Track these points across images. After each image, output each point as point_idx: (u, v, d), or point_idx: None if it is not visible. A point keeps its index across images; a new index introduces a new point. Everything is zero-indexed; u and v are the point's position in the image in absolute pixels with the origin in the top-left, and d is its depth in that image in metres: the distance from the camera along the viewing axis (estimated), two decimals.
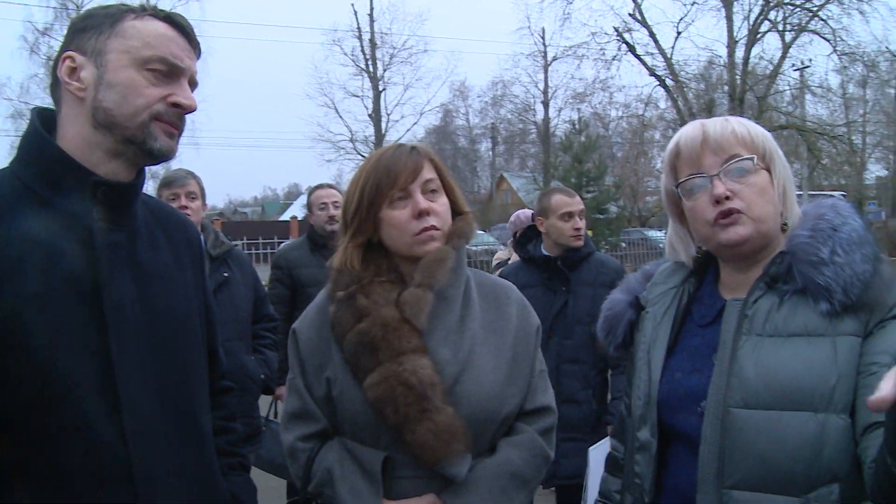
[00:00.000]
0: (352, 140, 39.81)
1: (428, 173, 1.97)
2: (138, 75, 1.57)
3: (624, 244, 28.89)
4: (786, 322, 1.59)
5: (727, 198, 1.64)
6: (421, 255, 1.95)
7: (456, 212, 2.06)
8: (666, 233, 1.93)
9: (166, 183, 3.83)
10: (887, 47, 31.89)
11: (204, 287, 1.88)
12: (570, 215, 4.01)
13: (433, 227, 1.94)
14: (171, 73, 1.61)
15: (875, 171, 46.01)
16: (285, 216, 51.14)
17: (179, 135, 1.67)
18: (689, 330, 1.78)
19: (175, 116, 1.63)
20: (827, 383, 1.50)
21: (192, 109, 1.64)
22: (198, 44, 1.69)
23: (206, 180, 4.04)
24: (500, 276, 3.41)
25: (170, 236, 1.79)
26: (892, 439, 1.21)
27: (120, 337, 1.55)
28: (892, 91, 37.39)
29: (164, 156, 1.64)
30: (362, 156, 39.25)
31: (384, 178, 1.94)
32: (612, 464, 2.01)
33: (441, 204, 1.99)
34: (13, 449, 1.48)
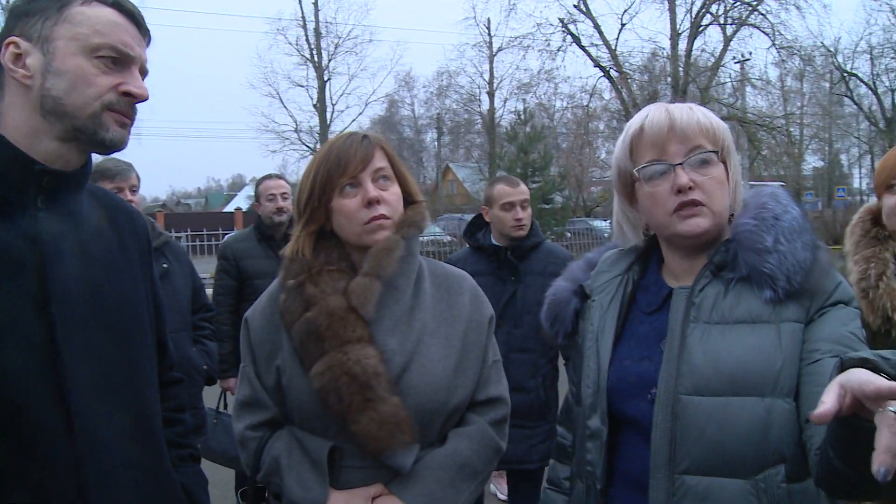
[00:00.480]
0: (296, 130, 39.56)
1: (379, 162, 1.97)
2: (88, 63, 1.54)
3: (569, 234, 29.20)
4: (731, 309, 1.61)
5: (690, 188, 1.64)
6: (370, 244, 1.95)
7: (409, 201, 2.05)
8: (610, 223, 1.92)
9: (109, 175, 3.75)
10: (822, 42, 32.68)
11: (152, 277, 1.85)
12: (511, 205, 4.01)
13: (383, 216, 1.93)
14: (121, 61, 1.58)
15: (812, 162, 47.18)
16: (229, 207, 50.59)
17: (131, 124, 1.64)
18: (636, 317, 1.79)
19: (127, 106, 1.60)
20: (772, 368, 1.53)
21: (143, 99, 1.62)
22: (147, 31, 1.67)
23: (148, 171, 4.04)
24: (448, 261, 3.42)
25: (117, 226, 1.75)
26: (836, 443, 1.25)
27: (66, 327, 1.52)
28: (827, 85, 38.31)
29: (116, 146, 1.61)
30: (307, 146, 39.06)
31: (334, 167, 1.93)
32: (559, 451, 2.02)
33: (392, 193, 1.98)
34: None
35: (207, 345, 4.32)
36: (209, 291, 4.65)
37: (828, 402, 1.11)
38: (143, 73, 1.64)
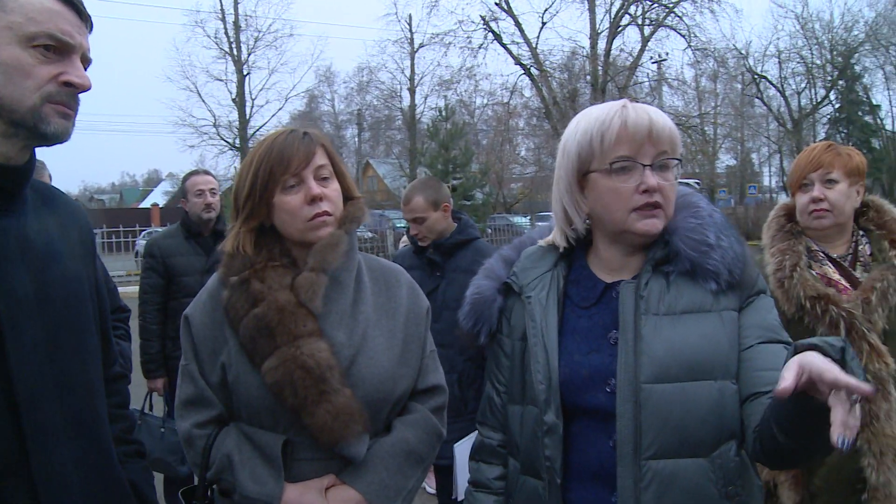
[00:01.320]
0: (215, 125, 38.78)
1: (320, 159, 1.99)
2: (24, 53, 1.47)
3: (490, 230, 29.37)
4: (676, 301, 1.71)
5: (656, 191, 1.72)
6: (314, 241, 1.97)
7: (347, 197, 2.08)
8: (530, 219, 1.94)
9: None
10: (734, 45, 33.65)
11: (95, 272, 1.81)
12: (410, 220, 4.08)
13: (326, 213, 1.96)
14: (60, 50, 1.52)
15: (725, 160, 48.45)
16: (145, 203, 49.43)
17: (74, 115, 1.58)
18: (572, 312, 1.83)
19: (68, 96, 1.54)
20: (721, 353, 1.66)
21: (86, 88, 1.56)
22: (88, 17, 1.60)
23: (58, 166, 3.87)
24: (392, 259, 3.41)
25: (60, 221, 1.71)
26: (781, 419, 1.42)
27: (13, 324, 1.49)
28: (739, 86, 39.44)
29: (59, 139, 1.55)
30: (226, 141, 38.40)
31: (277, 164, 1.94)
32: (483, 452, 2.02)
33: (333, 189, 2.00)
34: None
35: (121, 345, 4.18)
36: (130, 290, 4.52)
37: (788, 378, 1.26)
38: (86, 62, 1.58)
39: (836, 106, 43.90)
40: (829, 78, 42.23)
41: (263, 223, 2.01)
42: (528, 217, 33.50)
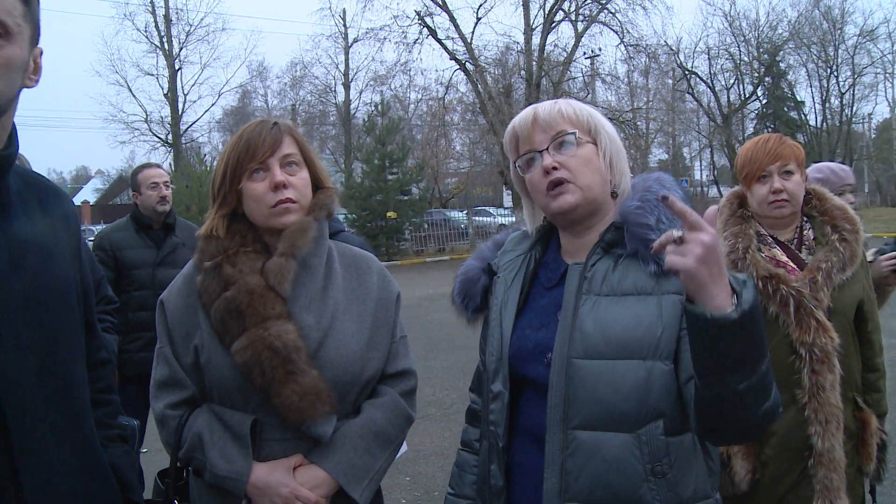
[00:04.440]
0: (147, 121, 38.22)
1: (288, 148, 2.06)
2: None
3: (426, 224, 29.46)
4: (620, 282, 1.80)
5: (555, 168, 1.83)
6: (278, 227, 2.04)
7: (319, 186, 2.15)
8: (466, 213, 2.03)
9: None
10: (665, 41, 34.27)
11: (80, 258, 1.82)
12: None
13: (290, 200, 2.02)
14: None
15: (657, 154, 49.40)
16: (76, 201, 48.21)
17: None
18: (538, 292, 1.96)
19: None
20: (654, 335, 1.73)
21: None
22: None
23: None
24: None
25: (45, 207, 1.72)
26: (693, 354, 1.54)
27: (3, 325, 1.50)
28: (671, 82, 40.19)
29: None
30: (158, 137, 37.77)
31: (244, 152, 2.02)
32: (471, 416, 2.18)
33: (300, 178, 2.07)
34: None
35: (106, 338, 4.11)
36: None
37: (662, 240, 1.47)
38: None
39: (763, 102, 45.13)
40: (757, 74, 43.44)
41: (236, 210, 2.08)
42: (465, 211, 33.66)
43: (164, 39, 38.33)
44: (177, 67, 38.69)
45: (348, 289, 2.13)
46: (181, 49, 38.92)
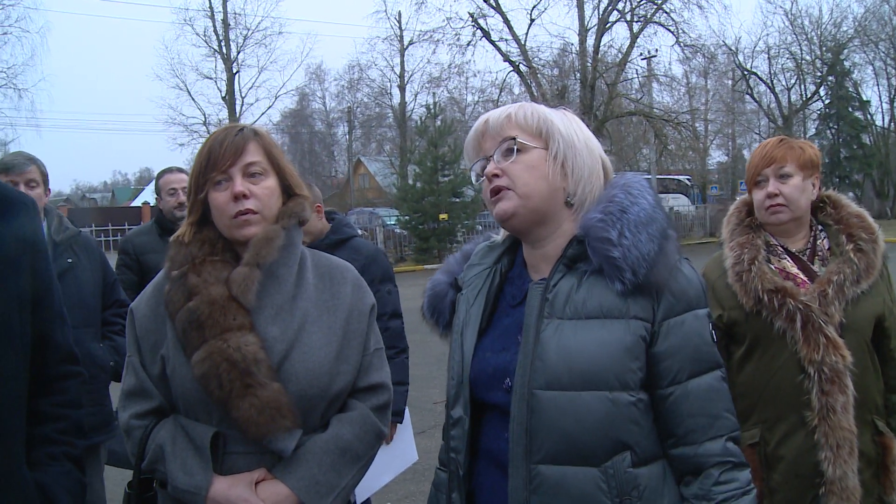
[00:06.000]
0: (205, 123, 38.89)
1: (252, 156, 2.00)
2: None
3: (480, 227, 29.38)
4: (584, 303, 1.68)
5: (496, 175, 1.74)
6: (238, 238, 1.99)
7: (291, 194, 2.09)
8: None
9: (3, 169, 3.60)
10: (724, 41, 33.67)
11: (35, 270, 1.79)
12: None
13: (249, 211, 1.97)
14: None
15: (716, 156, 48.61)
16: (137, 202, 49.28)
17: None
18: (503, 310, 1.86)
19: None
20: (618, 364, 1.63)
21: None
22: None
23: (50, 165, 3.83)
24: None
25: None
26: None
27: None
28: (729, 82, 39.51)
29: None
30: None
31: (206, 162, 1.98)
32: (445, 433, 2.05)
33: (263, 187, 2.01)
34: None
35: (117, 340, 4.15)
36: None
37: None
38: None
39: (826, 102, 44.07)
40: (819, 74, 42.45)
41: (207, 218, 2.04)
42: None
43: (223, 43, 38.95)
44: (234, 71, 39.26)
45: (320, 299, 2.06)
46: (239, 52, 39.52)
